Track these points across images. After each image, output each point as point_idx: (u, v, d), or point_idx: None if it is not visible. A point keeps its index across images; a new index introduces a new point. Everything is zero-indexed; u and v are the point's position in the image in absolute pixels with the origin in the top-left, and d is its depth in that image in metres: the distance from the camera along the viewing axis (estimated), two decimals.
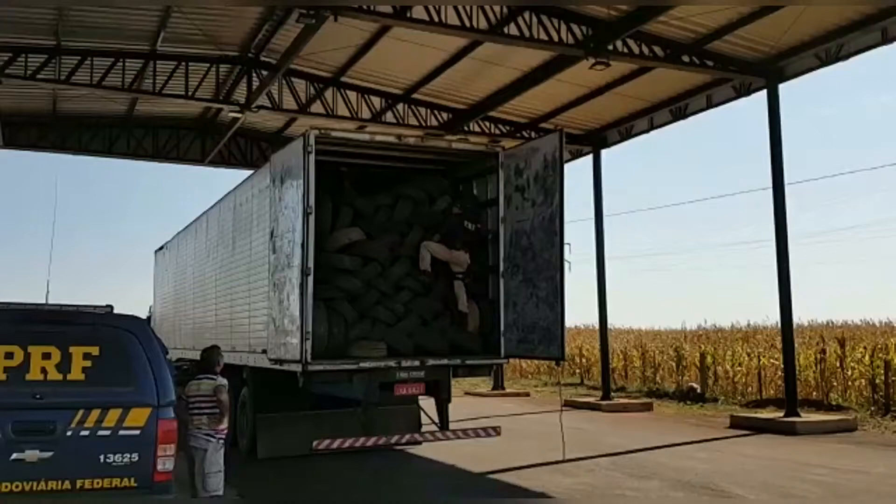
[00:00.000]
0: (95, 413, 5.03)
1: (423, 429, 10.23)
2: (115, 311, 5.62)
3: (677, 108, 16.08)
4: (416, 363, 8.96)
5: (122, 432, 5.08)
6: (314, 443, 8.52)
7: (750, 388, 19.14)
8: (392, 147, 9.65)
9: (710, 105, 15.65)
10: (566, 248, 8.68)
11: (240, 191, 11.63)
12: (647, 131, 17.00)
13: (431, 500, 8.17)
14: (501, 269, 9.59)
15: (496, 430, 9.46)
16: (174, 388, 5.35)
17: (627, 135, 17.42)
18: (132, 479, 5.07)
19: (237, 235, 11.53)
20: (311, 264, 8.30)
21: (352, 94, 16.32)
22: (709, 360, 20.16)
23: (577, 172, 18.56)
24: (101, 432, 5.03)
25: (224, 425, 6.55)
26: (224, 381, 6.55)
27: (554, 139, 8.89)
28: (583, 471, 9.49)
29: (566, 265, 8.76)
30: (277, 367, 9.06)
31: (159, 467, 5.14)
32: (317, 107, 16.22)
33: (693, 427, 14.24)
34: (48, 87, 14.94)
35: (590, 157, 18.12)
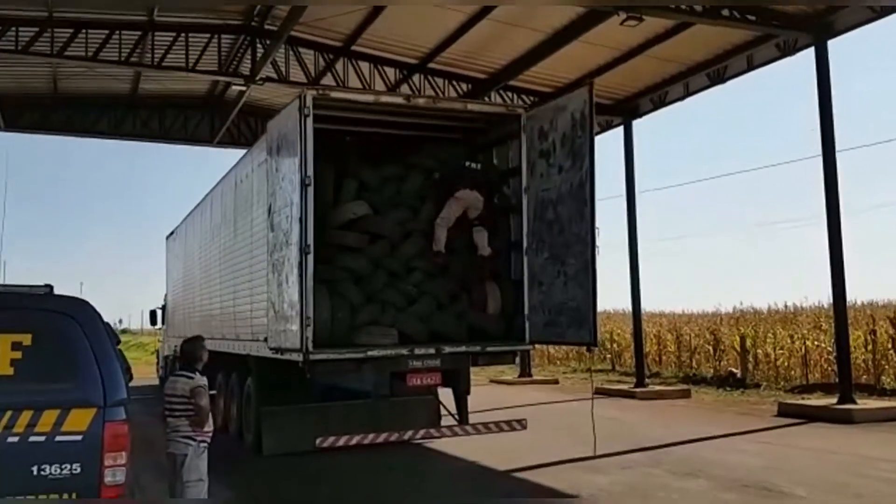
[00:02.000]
0: (27, 415, 4.12)
1: (442, 422, 9.31)
2: (56, 293, 4.66)
3: (715, 71, 14.85)
4: (431, 351, 7.99)
5: (59, 438, 4.16)
6: (318, 440, 7.65)
7: (794, 373, 18.22)
8: (400, 110, 8.65)
9: (751, 66, 14.42)
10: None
11: (240, 167, 10.81)
12: (682, 98, 15.77)
13: None
14: (525, 245, 8.56)
15: (521, 424, 8.47)
16: (126, 384, 4.42)
17: (661, 102, 16.21)
18: (73, 495, 4.16)
19: (238, 215, 10.70)
20: (310, 241, 7.37)
21: (364, 65, 15.33)
22: (749, 343, 19.08)
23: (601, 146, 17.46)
24: (33, 438, 4.11)
25: (208, 427, 5.62)
26: (202, 382, 5.58)
27: (582, 95, 7.82)
28: (618, 468, 8.51)
29: (598, 240, 7.71)
30: (279, 356, 8.20)
31: (107, 480, 4.22)
32: (327, 80, 15.26)
33: (736, 416, 13.23)
34: (45, 63, 14.19)
35: (613, 133, 17.01)
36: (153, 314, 20.04)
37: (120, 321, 77.00)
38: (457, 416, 8.49)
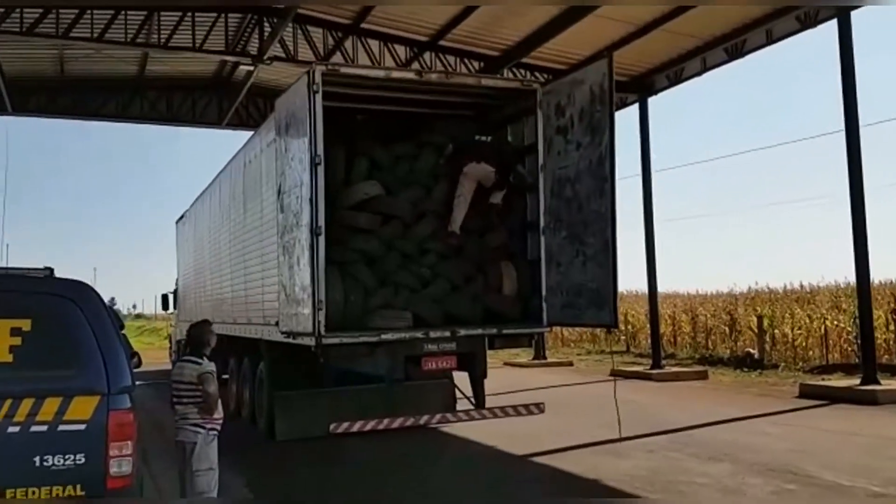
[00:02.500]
0: (27, 404, 3.94)
1: (458, 406, 9.12)
2: (57, 275, 4.45)
3: (733, 45, 14.43)
4: (446, 334, 7.77)
5: (62, 427, 3.98)
6: (331, 426, 7.47)
7: (812, 354, 17.95)
8: (412, 86, 8.37)
9: (771, 40, 13.99)
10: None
11: (248, 147, 10.60)
12: (699, 74, 15.35)
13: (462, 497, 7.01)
14: (542, 224, 8.30)
15: (539, 408, 8.27)
16: (130, 371, 4.23)
17: (677, 79, 15.81)
18: (78, 487, 3.99)
19: (248, 197, 10.50)
20: (321, 222, 7.15)
21: (374, 43, 15.01)
22: (766, 323, 18.78)
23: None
24: (35, 428, 3.94)
25: (218, 415, 5.44)
26: (210, 368, 5.37)
27: (601, 67, 7.53)
28: (640, 452, 8.29)
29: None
30: (290, 340, 8.02)
31: (113, 471, 4.04)
32: (336, 58, 14.91)
33: (756, 397, 12.99)
34: (51, 45, 13.96)
35: (628, 110, 16.62)
36: (164, 299, 19.97)
37: (134, 306, 77.32)
38: (473, 400, 8.28)
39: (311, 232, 7.15)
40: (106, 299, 4.43)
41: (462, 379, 8.82)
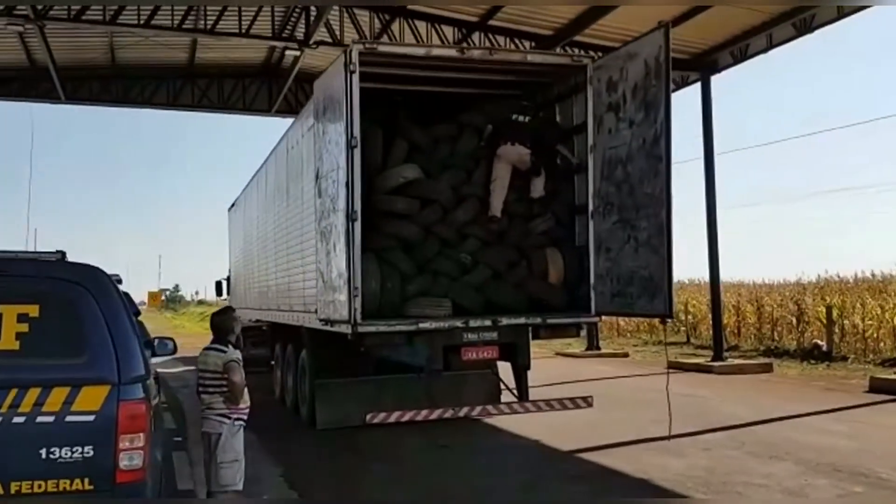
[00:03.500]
0: (33, 393, 3.76)
1: (502, 398, 8.78)
2: (68, 259, 4.27)
3: (802, 19, 13.58)
4: (488, 323, 7.42)
5: (70, 419, 3.79)
6: (368, 416, 7.22)
7: (884, 345, 17.03)
8: (454, 65, 8.00)
9: (842, 14, 13.13)
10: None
11: (290, 133, 10.44)
12: (765, 50, 14.51)
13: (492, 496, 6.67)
14: (591, 207, 7.85)
15: (587, 401, 7.84)
16: (144, 359, 4.02)
17: (742, 56, 14.98)
18: (86, 481, 3.80)
19: (290, 183, 10.35)
20: (357, 207, 6.89)
21: (421, 25, 14.66)
22: (836, 314, 17.83)
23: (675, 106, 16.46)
24: (41, 419, 3.76)
25: (244, 404, 5.23)
26: (235, 356, 5.15)
27: (657, 39, 7.00)
28: (695, 449, 7.81)
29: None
30: (328, 328, 7.81)
31: (123, 464, 3.84)
32: (383, 41, 14.65)
33: (823, 391, 12.29)
34: (101, 33, 14.03)
35: (689, 89, 15.90)
36: (219, 285, 20.14)
37: (196, 292, 79.23)
38: (516, 393, 7.92)
39: (346, 217, 6.91)
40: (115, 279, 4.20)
41: (507, 370, 8.48)
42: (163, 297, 66.57)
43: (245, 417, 5.24)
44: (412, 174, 7.84)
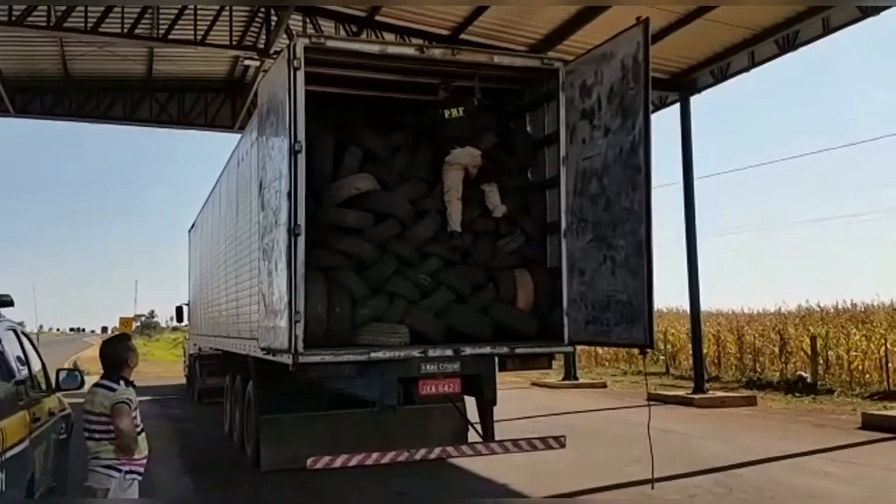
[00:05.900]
0: None
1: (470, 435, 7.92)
2: None
3: (784, 36, 13.11)
4: (449, 352, 6.55)
5: None
6: (309, 460, 6.30)
7: (870, 377, 16.50)
8: (414, 66, 7.22)
9: (827, 30, 12.69)
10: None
11: (241, 144, 9.63)
12: (747, 69, 14.01)
13: None
14: (564, 225, 7.07)
15: (559, 441, 6.97)
16: None
17: (722, 75, 14.48)
18: None
19: (240, 197, 9.50)
20: (301, 220, 6.04)
21: (389, 37, 13.95)
22: (820, 344, 17.24)
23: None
24: None
25: (141, 454, 4.31)
26: (125, 396, 4.22)
27: (634, 36, 6.28)
28: (679, 495, 7.00)
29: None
30: (269, 357, 6.93)
31: None
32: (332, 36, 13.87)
33: (812, 427, 11.58)
34: (50, 41, 13.17)
35: (668, 110, 15.35)
36: (179, 310, 19.34)
37: (171, 318, 77.41)
38: (480, 433, 7.05)
39: (289, 232, 6.06)
40: None
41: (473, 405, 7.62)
42: (136, 324, 64.79)
43: (140, 470, 4.32)
44: (366, 185, 7.00)
